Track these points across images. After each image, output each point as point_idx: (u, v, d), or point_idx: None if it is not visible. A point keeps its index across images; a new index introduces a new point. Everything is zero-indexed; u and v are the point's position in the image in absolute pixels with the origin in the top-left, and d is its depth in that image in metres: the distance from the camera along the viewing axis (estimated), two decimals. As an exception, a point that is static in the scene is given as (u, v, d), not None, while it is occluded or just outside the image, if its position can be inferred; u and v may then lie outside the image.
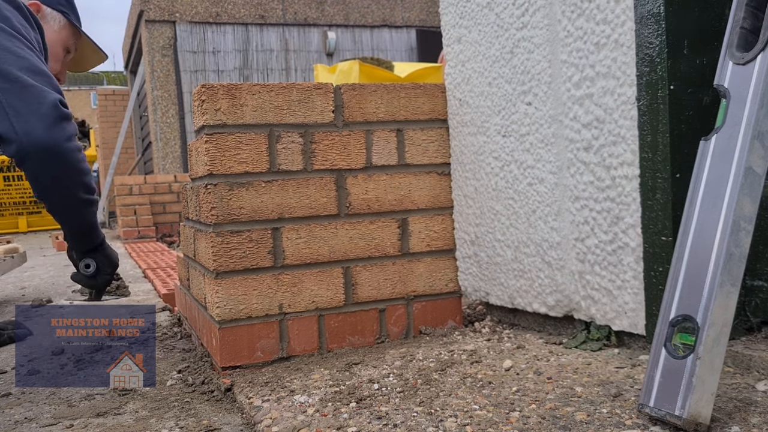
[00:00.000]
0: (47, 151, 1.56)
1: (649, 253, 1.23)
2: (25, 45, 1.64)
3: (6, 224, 9.29)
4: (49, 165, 1.59)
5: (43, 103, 1.56)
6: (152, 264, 3.91)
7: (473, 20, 1.63)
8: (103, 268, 1.91)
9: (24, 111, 1.55)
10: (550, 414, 1.04)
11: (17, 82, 1.56)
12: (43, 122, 1.55)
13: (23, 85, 1.56)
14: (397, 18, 9.97)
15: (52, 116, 1.57)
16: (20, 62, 1.59)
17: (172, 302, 2.58)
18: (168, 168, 9.00)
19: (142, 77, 9.77)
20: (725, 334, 0.94)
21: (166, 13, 8.93)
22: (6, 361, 1.84)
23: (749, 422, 0.94)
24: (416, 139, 1.67)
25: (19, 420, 1.34)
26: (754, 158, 0.96)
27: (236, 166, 1.49)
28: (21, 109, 1.55)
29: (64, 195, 1.69)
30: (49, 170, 1.60)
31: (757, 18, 1.02)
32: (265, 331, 1.51)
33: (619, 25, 1.24)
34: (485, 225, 1.63)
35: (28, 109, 1.55)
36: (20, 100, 1.55)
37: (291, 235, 1.54)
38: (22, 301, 2.99)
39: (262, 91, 1.51)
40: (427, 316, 1.67)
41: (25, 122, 1.54)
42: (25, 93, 1.56)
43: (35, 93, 1.57)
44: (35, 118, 1.55)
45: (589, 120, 1.32)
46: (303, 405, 1.19)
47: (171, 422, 1.27)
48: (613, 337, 1.38)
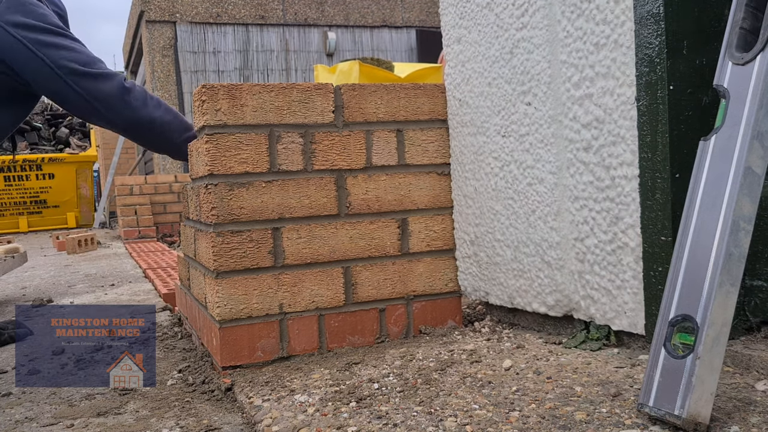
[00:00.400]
0: (135, 123, 1.92)
1: (649, 253, 1.23)
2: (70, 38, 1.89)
3: (6, 224, 9.30)
4: (141, 131, 1.96)
5: (115, 86, 1.88)
6: (153, 264, 3.92)
7: (473, 20, 1.64)
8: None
9: (104, 98, 1.87)
10: (550, 413, 1.04)
11: (85, 75, 1.86)
12: (121, 103, 1.88)
13: (92, 77, 1.87)
14: (397, 18, 9.97)
15: (126, 94, 1.88)
16: (79, 57, 1.87)
17: (172, 302, 2.58)
18: (168, 168, 9.00)
19: (142, 77, 9.77)
20: (725, 334, 0.94)
21: (167, 14, 8.94)
22: (6, 360, 1.84)
23: (749, 422, 0.94)
24: (416, 139, 1.67)
25: (19, 420, 1.35)
26: (753, 158, 0.96)
27: (237, 167, 1.49)
28: (100, 97, 1.86)
29: (166, 144, 2.02)
30: (144, 133, 1.98)
31: (756, 18, 1.02)
32: (265, 330, 1.51)
33: (618, 25, 1.24)
34: (485, 225, 1.63)
35: (106, 96, 1.87)
36: (97, 90, 1.86)
37: (291, 235, 1.54)
38: (23, 300, 2.99)
39: (263, 91, 1.51)
40: (427, 316, 1.68)
41: (109, 107, 1.88)
42: (95, 83, 1.87)
43: (103, 80, 1.88)
44: (114, 101, 1.88)
45: (588, 120, 1.32)
46: (303, 404, 1.19)
47: (171, 422, 1.27)
48: (612, 337, 1.38)
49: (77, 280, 3.67)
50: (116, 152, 9.31)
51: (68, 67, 1.84)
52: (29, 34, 1.83)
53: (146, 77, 9.32)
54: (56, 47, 1.85)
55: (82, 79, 1.85)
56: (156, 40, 8.97)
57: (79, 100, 1.87)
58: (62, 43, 1.86)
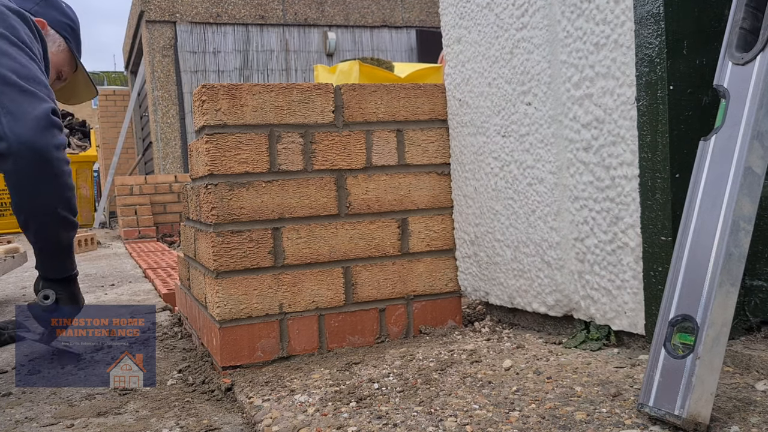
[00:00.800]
0: (33, 153, 1.51)
1: (649, 253, 1.23)
2: (27, 55, 1.64)
3: (6, 224, 9.28)
4: (32, 168, 1.53)
5: (36, 107, 1.55)
6: (153, 264, 3.92)
7: (473, 21, 1.64)
8: (64, 305, 1.71)
9: (17, 112, 1.53)
10: (550, 413, 1.04)
11: (14, 86, 1.56)
12: (34, 125, 1.52)
13: (20, 90, 1.56)
14: (397, 18, 9.97)
15: (44, 121, 1.54)
16: (21, 70, 1.59)
17: (172, 302, 2.58)
18: (168, 168, 9.00)
19: (142, 77, 9.77)
20: (725, 334, 0.94)
21: (167, 14, 8.94)
22: (6, 360, 1.84)
23: (748, 422, 0.94)
24: (416, 139, 1.67)
25: (19, 419, 1.35)
26: (753, 158, 0.96)
27: (237, 167, 1.49)
28: (14, 110, 1.53)
29: (43, 206, 1.58)
30: (31, 173, 1.53)
31: (756, 18, 1.02)
32: (265, 330, 1.51)
33: (618, 25, 1.24)
34: (485, 225, 1.63)
35: (20, 111, 1.54)
36: (14, 103, 1.54)
37: (291, 235, 1.54)
38: (23, 300, 2.99)
39: (263, 91, 1.51)
40: (426, 316, 1.68)
41: (15, 122, 1.51)
42: (20, 97, 1.55)
43: (30, 98, 1.56)
44: (27, 120, 1.52)
45: (588, 120, 1.32)
46: (303, 404, 1.19)
47: (171, 422, 1.27)
48: (612, 337, 1.38)
49: (77, 280, 3.66)
50: (116, 152, 9.31)
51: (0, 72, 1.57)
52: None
53: (146, 77, 9.32)
54: (2, 53, 1.60)
55: (8, 88, 1.56)
56: (156, 40, 8.97)
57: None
58: (10, 52, 1.62)
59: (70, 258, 1.74)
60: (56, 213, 1.60)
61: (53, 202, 1.58)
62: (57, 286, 1.71)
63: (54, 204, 1.59)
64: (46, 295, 1.67)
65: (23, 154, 1.51)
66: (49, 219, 1.60)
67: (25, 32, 1.70)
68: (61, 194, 1.59)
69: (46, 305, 1.68)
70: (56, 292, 1.69)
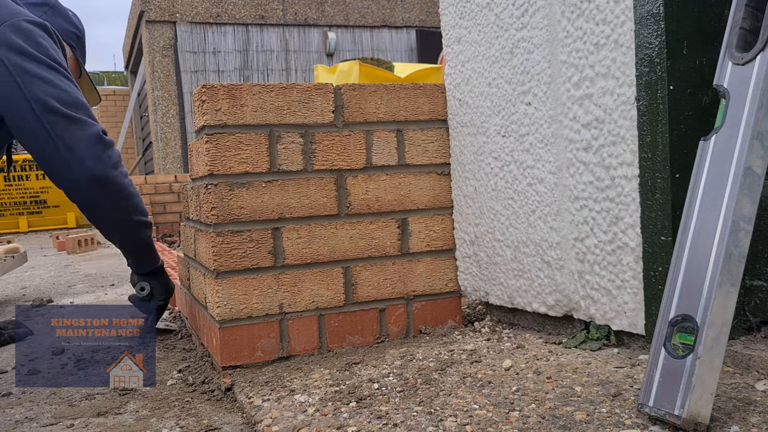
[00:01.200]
0: (99, 181, 1.65)
1: (649, 253, 1.23)
2: (62, 75, 1.71)
3: (6, 224, 9.29)
4: (101, 193, 1.68)
5: (87, 133, 1.65)
6: (152, 264, 3.91)
7: (473, 21, 1.64)
8: (158, 293, 1.96)
9: (72, 144, 1.63)
10: (550, 413, 1.04)
11: (62, 115, 1.64)
12: (91, 154, 1.64)
13: (68, 119, 1.64)
14: (397, 18, 9.97)
15: (98, 146, 1.66)
16: (63, 96, 1.66)
17: (172, 302, 2.57)
18: (168, 168, 9.00)
19: (142, 77, 9.77)
20: (725, 334, 0.94)
21: (167, 14, 8.94)
22: (6, 360, 1.84)
23: (748, 422, 0.94)
24: (416, 139, 1.67)
25: (19, 420, 1.35)
26: (753, 158, 0.96)
27: (237, 167, 1.49)
28: (71, 142, 1.63)
29: (118, 219, 1.76)
30: (102, 198, 1.69)
31: (756, 18, 1.02)
32: (265, 330, 1.51)
33: (618, 25, 1.24)
34: (485, 225, 1.63)
35: (74, 141, 1.63)
36: (69, 133, 1.63)
37: (291, 235, 1.54)
38: (23, 300, 2.99)
39: (263, 91, 1.52)
40: (426, 316, 1.68)
41: (75, 155, 1.63)
42: (71, 126, 1.64)
43: (79, 126, 1.65)
44: (85, 151, 1.64)
45: (588, 120, 1.32)
46: (303, 404, 1.19)
47: (171, 422, 1.27)
48: (612, 337, 1.38)
49: (77, 280, 3.67)
50: (116, 152, 9.29)
51: (45, 101, 1.63)
52: (15, 58, 1.65)
53: (146, 77, 9.32)
54: (40, 79, 1.65)
55: (56, 118, 1.63)
56: (156, 40, 8.97)
57: (46, 139, 1.63)
58: (48, 77, 1.66)
59: (153, 253, 1.94)
60: (130, 221, 1.78)
61: (125, 213, 1.76)
62: (149, 278, 1.95)
63: (127, 215, 1.76)
64: (142, 287, 1.93)
65: (89, 185, 1.66)
66: (126, 228, 1.80)
67: (52, 48, 1.74)
68: (129, 204, 1.75)
69: (143, 295, 1.94)
70: (150, 283, 1.94)
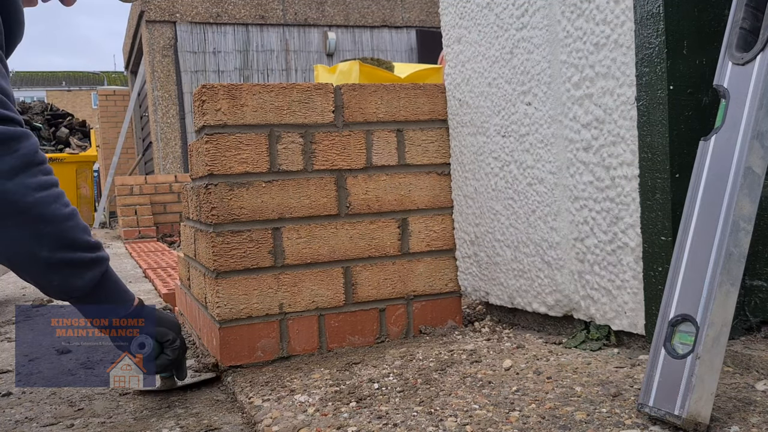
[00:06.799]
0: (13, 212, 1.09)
1: (649, 253, 1.23)
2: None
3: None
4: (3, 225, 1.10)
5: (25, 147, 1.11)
6: (153, 264, 3.92)
7: (473, 21, 1.64)
8: (164, 337, 1.35)
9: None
10: (550, 413, 1.04)
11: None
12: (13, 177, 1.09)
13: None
14: (397, 18, 9.97)
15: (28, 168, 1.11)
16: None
17: (172, 302, 2.58)
18: (168, 168, 9.00)
19: (142, 77, 9.77)
20: (725, 334, 0.94)
21: (167, 14, 8.94)
22: (7, 360, 1.84)
23: (748, 422, 0.94)
24: (416, 139, 1.67)
25: (20, 419, 1.35)
26: (753, 158, 0.96)
27: (237, 167, 1.49)
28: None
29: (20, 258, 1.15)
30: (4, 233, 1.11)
31: (756, 18, 1.02)
32: (265, 330, 1.51)
33: (618, 25, 1.24)
34: (485, 225, 1.63)
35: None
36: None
37: (291, 235, 1.54)
38: (23, 301, 2.99)
39: (263, 91, 1.51)
40: (426, 316, 1.67)
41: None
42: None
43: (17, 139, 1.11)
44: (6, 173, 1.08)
45: (588, 120, 1.32)
46: (303, 404, 1.19)
47: (171, 422, 1.27)
48: (612, 337, 1.38)
49: (77, 280, 3.66)
50: (116, 152, 9.31)
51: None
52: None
53: (146, 77, 9.32)
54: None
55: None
56: (156, 40, 8.97)
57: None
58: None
59: (111, 296, 1.27)
60: (36, 262, 1.14)
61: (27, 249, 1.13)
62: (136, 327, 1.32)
63: (30, 251, 1.13)
64: (141, 344, 1.32)
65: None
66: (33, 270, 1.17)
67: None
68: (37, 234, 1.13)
69: (147, 353, 1.33)
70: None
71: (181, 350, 1.37)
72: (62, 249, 1.16)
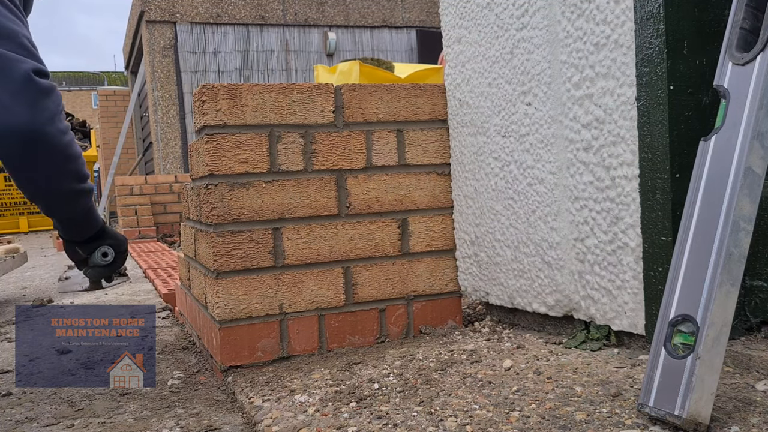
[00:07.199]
0: (24, 137, 1.26)
1: (649, 253, 1.23)
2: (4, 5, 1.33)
3: (7, 224, 9.29)
4: (28, 153, 1.28)
5: (13, 76, 1.24)
6: (153, 264, 3.92)
7: (473, 21, 1.64)
8: (120, 251, 1.70)
9: None
10: (550, 413, 1.04)
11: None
12: (16, 102, 1.24)
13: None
14: (398, 18, 9.97)
15: (28, 92, 1.25)
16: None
17: (172, 302, 2.58)
18: (169, 168, 9.00)
19: (142, 78, 9.77)
20: (725, 334, 0.94)
21: (167, 14, 8.94)
22: (7, 360, 1.84)
23: (749, 422, 0.94)
24: (416, 139, 1.67)
25: (20, 420, 1.35)
26: (753, 158, 0.96)
27: (237, 167, 1.49)
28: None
29: (50, 188, 1.38)
30: (29, 159, 1.29)
31: (756, 18, 1.02)
32: (265, 330, 1.51)
33: (618, 25, 1.24)
34: (485, 225, 1.63)
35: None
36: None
37: (291, 235, 1.54)
38: (23, 300, 2.99)
39: (263, 91, 1.52)
40: (427, 316, 1.67)
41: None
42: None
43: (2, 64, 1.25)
44: (6, 96, 1.23)
45: (588, 120, 1.32)
46: (303, 404, 1.19)
47: (171, 422, 1.27)
48: (612, 337, 1.38)
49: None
50: (116, 152, 9.31)
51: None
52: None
53: (146, 77, 9.32)
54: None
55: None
56: (156, 40, 8.97)
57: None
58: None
59: (93, 216, 1.57)
60: (68, 189, 1.39)
61: (60, 181, 1.36)
62: (99, 241, 1.65)
63: (62, 182, 1.37)
64: (105, 253, 1.68)
65: (10, 141, 1.27)
66: (60, 196, 1.41)
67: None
68: (69, 170, 1.36)
69: (108, 261, 1.67)
70: (106, 244, 1.65)
71: (122, 263, 1.75)
72: (78, 181, 1.44)
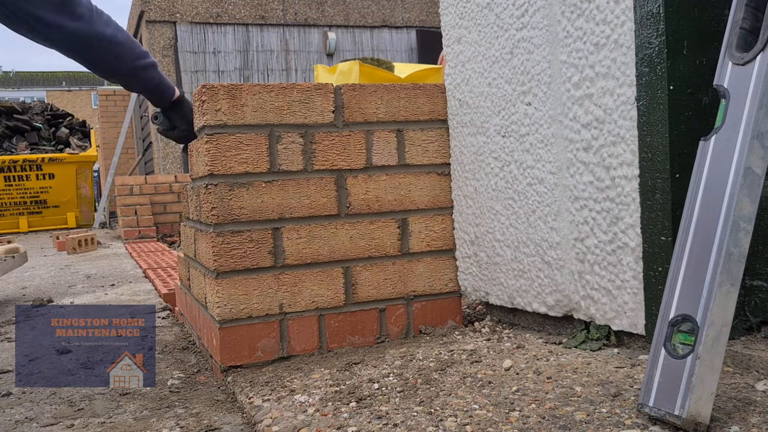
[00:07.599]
0: (80, 42, 1.53)
1: (649, 253, 1.23)
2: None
3: (7, 224, 9.30)
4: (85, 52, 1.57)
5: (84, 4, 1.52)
6: (153, 264, 3.92)
7: (473, 21, 1.64)
8: (178, 123, 1.88)
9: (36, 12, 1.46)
10: (550, 413, 1.04)
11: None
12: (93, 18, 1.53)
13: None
14: (397, 18, 9.97)
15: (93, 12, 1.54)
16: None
17: (172, 302, 2.58)
18: (168, 168, 9.00)
19: (142, 77, 9.75)
20: (725, 334, 0.94)
21: (167, 14, 8.94)
22: (7, 360, 1.84)
23: (749, 422, 0.94)
24: (416, 139, 1.67)
25: (20, 420, 1.35)
26: (753, 158, 0.96)
27: (237, 167, 1.49)
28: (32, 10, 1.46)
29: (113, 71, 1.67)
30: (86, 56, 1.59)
31: (756, 18, 1.02)
32: (265, 330, 1.51)
33: (618, 25, 1.24)
34: (485, 225, 1.63)
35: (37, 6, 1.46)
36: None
37: (291, 235, 1.54)
38: (23, 300, 2.99)
39: (263, 91, 1.52)
40: (427, 316, 1.68)
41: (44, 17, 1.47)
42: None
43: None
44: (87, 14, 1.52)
45: (588, 120, 1.32)
46: (303, 404, 1.19)
47: (171, 422, 1.27)
48: (612, 337, 1.38)
49: (77, 281, 3.67)
50: (116, 152, 9.31)
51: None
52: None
53: (146, 77, 9.31)
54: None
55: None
56: (156, 40, 8.97)
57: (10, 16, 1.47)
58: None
59: (162, 89, 1.80)
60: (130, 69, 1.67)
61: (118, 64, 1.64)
62: (167, 112, 1.85)
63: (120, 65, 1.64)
64: (155, 116, 1.88)
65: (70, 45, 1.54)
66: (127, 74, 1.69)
67: None
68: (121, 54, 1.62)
69: (158, 123, 1.89)
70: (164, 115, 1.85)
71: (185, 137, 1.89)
72: (139, 57, 1.68)
